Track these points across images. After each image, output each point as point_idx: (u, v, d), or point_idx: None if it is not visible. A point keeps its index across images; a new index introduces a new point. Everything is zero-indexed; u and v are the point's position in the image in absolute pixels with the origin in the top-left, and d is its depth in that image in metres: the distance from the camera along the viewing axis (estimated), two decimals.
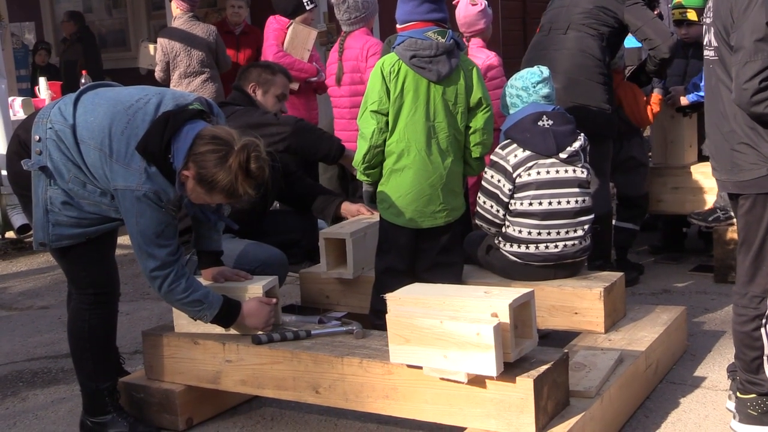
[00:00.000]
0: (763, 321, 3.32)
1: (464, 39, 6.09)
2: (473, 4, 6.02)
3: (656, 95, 5.52)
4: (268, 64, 4.86)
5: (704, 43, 3.46)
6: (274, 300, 3.70)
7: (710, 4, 3.38)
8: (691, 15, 5.81)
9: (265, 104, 4.63)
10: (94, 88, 3.58)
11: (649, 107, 5.48)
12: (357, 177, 4.21)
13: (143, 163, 3.31)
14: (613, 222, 5.56)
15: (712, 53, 3.37)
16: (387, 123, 4.01)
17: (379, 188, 4.12)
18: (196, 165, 3.31)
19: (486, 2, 6.11)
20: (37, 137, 3.43)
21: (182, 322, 3.76)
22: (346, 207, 4.80)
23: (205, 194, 3.39)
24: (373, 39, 5.83)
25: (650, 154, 6.29)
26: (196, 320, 3.62)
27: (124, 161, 3.33)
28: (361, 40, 5.83)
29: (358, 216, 4.76)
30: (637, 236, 5.76)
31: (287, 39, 6.44)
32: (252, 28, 7.83)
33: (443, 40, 3.96)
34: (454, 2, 6.23)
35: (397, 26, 4.09)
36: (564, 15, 5.18)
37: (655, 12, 5.88)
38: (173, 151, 3.33)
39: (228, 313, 3.58)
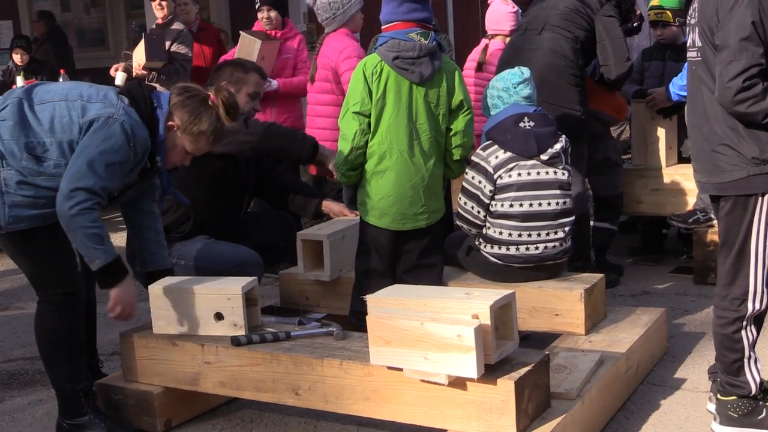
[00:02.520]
0: (744, 323, 3.32)
1: (486, 38, 6.09)
2: (506, 4, 6.00)
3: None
4: (241, 62, 4.76)
5: (687, 45, 3.46)
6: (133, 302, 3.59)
7: (695, 5, 3.37)
8: (666, 16, 5.83)
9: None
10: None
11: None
12: (337, 178, 4.18)
13: (120, 101, 3.44)
14: (591, 223, 5.57)
15: (694, 54, 3.37)
16: (369, 124, 3.99)
17: (360, 190, 4.10)
18: (180, 112, 3.50)
19: (519, 8, 6.08)
20: None
21: (161, 323, 3.72)
22: (328, 205, 4.76)
23: (191, 141, 3.54)
24: (351, 42, 5.69)
25: (629, 155, 6.31)
26: (86, 261, 3.45)
27: (98, 98, 3.45)
28: (339, 42, 5.67)
29: (339, 216, 4.73)
30: (615, 236, 5.77)
31: (236, 50, 6.32)
32: (208, 26, 7.72)
33: (426, 42, 3.94)
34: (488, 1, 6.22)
35: (382, 27, 4.07)
36: (541, 16, 5.21)
37: (634, 23, 5.92)
38: (157, 103, 3.50)
39: (116, 270, 3.45)
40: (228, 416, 3.89)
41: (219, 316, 3.66)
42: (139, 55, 6.96)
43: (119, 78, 6.91)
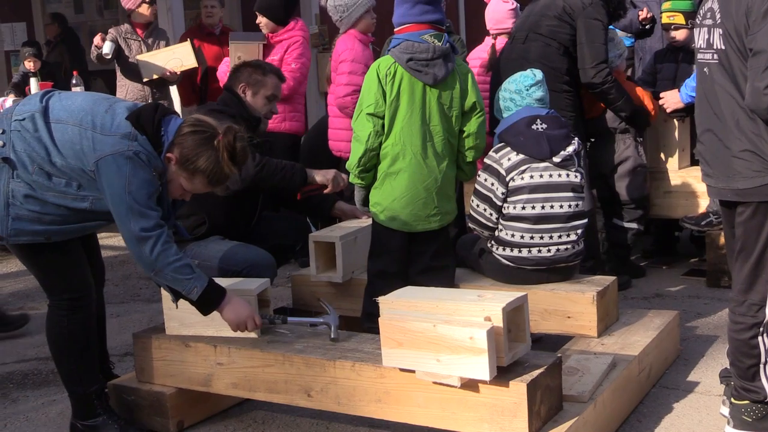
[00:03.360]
0: (761, 329, 3.29)
1: (491, 37, 6.09)
2: (504, 2, 5.99)
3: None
4: (259, 64, 4.77)
5: (697, 46, 3.40)
6: (258, 322, 3.59)
7: (711, 5, 3.29)
8: (679, 19, 5.81)
9: (254, 105, 4.58)
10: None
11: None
12: (350, 180, 4.18)
13: (133, 131, 3.34)
14: (617, 222, 5.56)
15: (709, 56, 3.29)
16: (383, 126, 3.99)
17: (373, 191, 4.10)
18: (181, 147, 3.33)
19: (517, 3, 6.09)
20: (1, 130, 3.43)
21: (173, 324, 3.74)
22: (340, 206, 4.77)
23: (187, 179, 3.38)
24: (351, 45, 5.73)
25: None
26: (180, 297, 3.46)
27: (110, 131, 3.34)
28: (342, 44, 5.78)
29: (350, 218, 4.74)
30: (638, 237, 5.75)
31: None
32: (230, 29, 7.76)
33: (439, 44, 3.95)
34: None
35: (394, 29, 4.08)
36: (526, 25, 5.24)
37: (646, 25, 5.91)
38: (164, 130, 3.36)
39: (214, 293, 3.46)
40: (240, 417, 3.89)
41: None
42: (186, 58, 6.98)
43: (107, 47, 6.94)
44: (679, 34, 5.85)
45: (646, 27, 6.27)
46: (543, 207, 4.13)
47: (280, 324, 3.65)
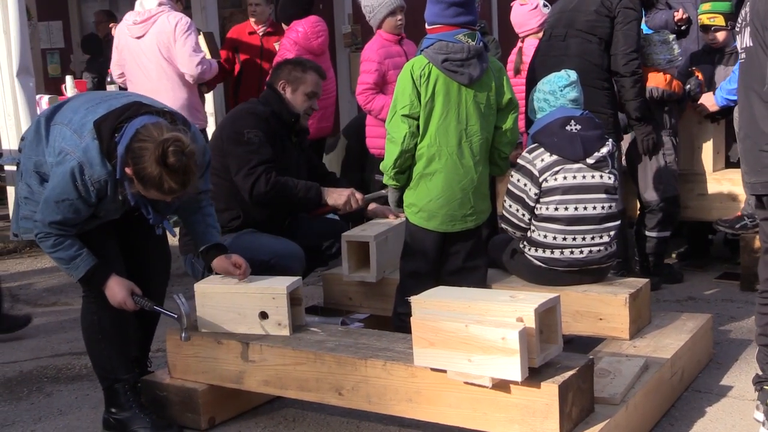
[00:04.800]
0: None
1: (519, 40, 6.11)
2: (522, 4, 5.99)
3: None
4: (300, 61, 4.79)
5: (739, 50, 3.42)
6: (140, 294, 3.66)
7: (747, 7, 3.32)
8: (719, 20, 5.75)
9: (294, 102, 4.60)
10: None
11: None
12: (384, 181, 4.18)
13: (89, 134, 3.41)
14: (647, 233, 5.53)
15: (744, 55, 3.33)
16: (418, 127, 3.99)
17: (408, 192, 4.10)
18: (132, 161, 3.33)
19: (541, 1, 6.08)
20: (23, 137, 3.70)
21: (206, 321, 3.76)
22: (373, 207, 4.78)
23: (143, 190, 3.39)
24: (373, 45, 5.93)
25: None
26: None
27: (76, 128, 3.46)
28: (370, 43, 6.03)
29: (381, 218, 4.74)
30: (668, 242, 5.71)
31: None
32: (278, 27, 7.80)
33: (473, 43, 3.94)
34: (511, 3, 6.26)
35: (426, 27, 4.08)
36: (563, 21, 5.21)
37: (682, 26, 5.85)
38: (118, 136, 3.38)
39: (92, 280, 3.58)
40: (271, 415, 3.91)
41: (264, 315, 3.69)
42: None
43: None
44: (720, 36, 5.79)
45: (682, 28, 6.21)
46: (576, 208, 4.11)
47: (148, 308, 3.65)
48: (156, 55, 6.31)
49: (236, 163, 4.44)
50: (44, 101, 7.98)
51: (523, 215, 4.19)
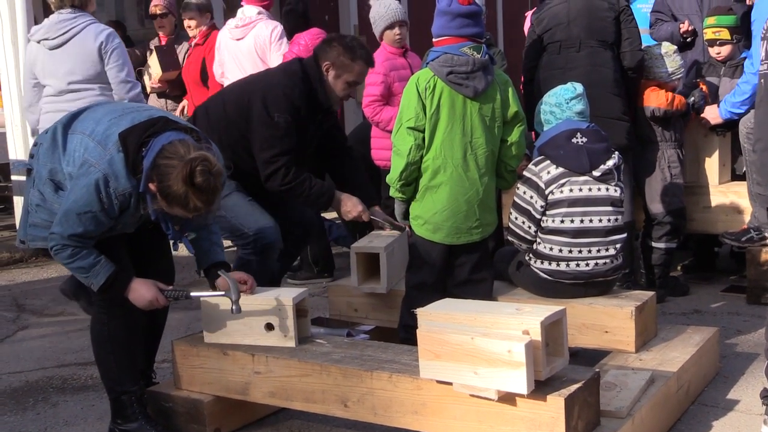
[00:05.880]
0: None
1: None
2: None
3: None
4: (352, 45, 4.54)
5: (761, 58, 3.40)
6: (170, 287, 3.69)
7: None
8: (724, 34, 5.76)
9: (333, 86, 4.47)
10: None
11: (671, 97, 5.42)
12: (390, 194, 4.18)
13: (115, 146, 3.40)
14: (654, 244, 5.52)
15: (765, 67, 3.32)
16: (423, 139, 4.00)
17: (413, 204, 4.11)
18: (157, 177, 3.33)
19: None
20: (36, 142, 3.67)
21: (212, 332, 3.77)
22: (374, 213, 4.65)
23: (166, 207, 3.39)
24: (378, 56, 5.90)
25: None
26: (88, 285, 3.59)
27: (100, 139, 3.45)
28: (374, 57, 5.99)
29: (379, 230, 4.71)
30: (675, 252, 5.71)
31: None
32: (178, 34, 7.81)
33: (479, 56, 3.95)
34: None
35: (433, 40, 4.09)
36: (574, 32, 5.21)
37: (687, 39, 5.89)
38: (145, 150, 3.37)
39: (114, 285, 3.54)
40: (276, 426, 3.91)
41: (269, 327, 3.69)
42: (154, 69, 7.20)
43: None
44: (724, 50, 5.80)
45: (688, 40, 6.22)
46: (582, 221, 4.11)
47: (183, 299, 3.67)
48: (253, 56, 6.71)
49: (259, 142, 4.37)
50: None
51: (529, 227, 4.19)
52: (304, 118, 4.45)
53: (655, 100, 5.35)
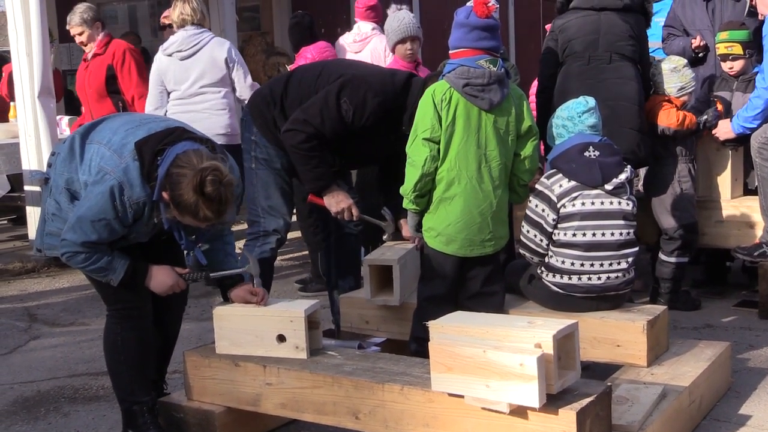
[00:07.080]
0: None
1: None
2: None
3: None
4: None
5: None
6: (186, 270, 3.73)
7: None
8: (737, 49, 5.75)
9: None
10: None
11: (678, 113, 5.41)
12: (404, 205, 4.18)
13: (131, 154, 3.43)
14: (665, 258, 5.51)
15: None
16: (438, 151, 4.01)
17: (427, 216, 4.11)
18: (169, 186, 3.37)
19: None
20: (53, 152, 3.71)
21: (224, 343, 3.78)
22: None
23: (179, 216, 3.42)
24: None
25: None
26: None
27: (116, 148, 3.48)
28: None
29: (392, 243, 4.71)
30: (686, 267, 5.70)
31: None
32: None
33: (495, 69, 3.96)
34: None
35: (450, 52, 4.10)
36: (603, 44, 5.21)
37: (699, 54, 5.95)
38: (161, 159, 3.41)
39: (134, 277, 3.58)
40: None
41: (281, 338, 3.70)
42: None
43: None
44: (737, 65, 5.79)
45: (699, 55, 6.22)
46: (594, 234, 4.11)
47: (201, 280, 3.74)
48: None
49: (310, 103, 4.34)
50: (64, 122, 8.06)
51: (541, 241, 4.19)
52: (370, 126, 4.37)
53: (665, 119, 5.34)
